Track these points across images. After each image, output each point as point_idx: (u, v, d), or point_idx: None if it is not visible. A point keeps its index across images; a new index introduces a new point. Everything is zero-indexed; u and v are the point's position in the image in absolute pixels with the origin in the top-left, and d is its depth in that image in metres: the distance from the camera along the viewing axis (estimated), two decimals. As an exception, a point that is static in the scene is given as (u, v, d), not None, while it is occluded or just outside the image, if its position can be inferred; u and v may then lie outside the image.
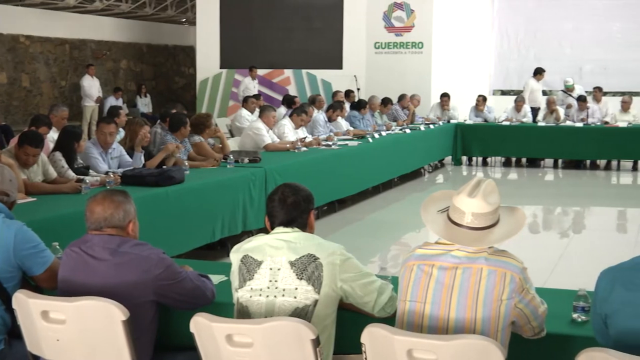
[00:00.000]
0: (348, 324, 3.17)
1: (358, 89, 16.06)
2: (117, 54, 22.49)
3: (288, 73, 17.72)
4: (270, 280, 3.06)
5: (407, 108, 14.55)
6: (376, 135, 11.56)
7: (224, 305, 3.31)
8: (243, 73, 17.00)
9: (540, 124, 14.24)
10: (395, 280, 3.13)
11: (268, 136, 9.50)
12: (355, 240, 8.28)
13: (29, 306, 3.12)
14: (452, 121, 14.58)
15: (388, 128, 12.69)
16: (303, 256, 3.06)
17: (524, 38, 17.98)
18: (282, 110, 12.77)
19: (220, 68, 18.13)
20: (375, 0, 16.85)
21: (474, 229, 2.81)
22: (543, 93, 15.80)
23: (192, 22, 20.93)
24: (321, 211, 9.28)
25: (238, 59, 17.70)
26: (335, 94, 14.21)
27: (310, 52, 17.39)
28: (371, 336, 2.72)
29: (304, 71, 17.55)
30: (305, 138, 10.06)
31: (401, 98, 14.68)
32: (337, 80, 16.73)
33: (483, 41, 17.96)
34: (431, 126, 13.83)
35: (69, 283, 3.25)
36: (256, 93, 14.94)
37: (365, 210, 10.18)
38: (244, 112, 12.07)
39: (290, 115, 10.52)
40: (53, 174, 6.25)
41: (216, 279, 3.62)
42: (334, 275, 3.05)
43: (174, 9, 21.94)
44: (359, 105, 12.95)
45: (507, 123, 14.38)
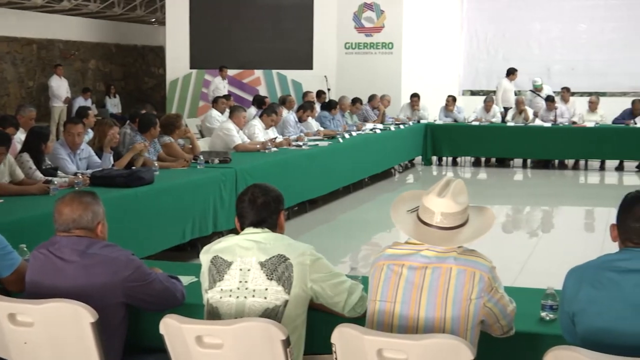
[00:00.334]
0: (318, 324, 3.17)
1: (328, 90, 16.06)
2: (86, 54, 22.29)
3: (258, 73, 17.67)
4: (240, 281, 3.05)
5: (378, 108, 14.60)
6: (346, 135, 11.58)
7: (194, 307, 3.30)
8: (213, 73, 16.93)
9: (509, 124, 14.33)
10: (365, 280, 3.13)
11: (238, 136, 9.48)
12: (326, 240, 8.29)
13: (-4, 309, 3.09)
14: (422, 121, 14.63)
15: (359, 128, 12.71)
16: (273, 257, 3.06)
17: (493, 39, 18.10)
18: (253, 110, 12.74)
19: (190, 68, 18.03)
20: (346, 1, 16.86)
21: (443, 228, 2.83)
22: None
23: (162, 22, 20.82)
24: (292, 211, 9.28)
25: (208, 59, 17.62)
26: (305, 94, 14.21)
27: (280, 53, 17.35)
28: (341, 336, 2.73)
29: (274, 71, 17.52)
30: (275, 138, 10.05)
31: (371, 98, 14.71)
32: (308, 80, 16.71)
33: (452, 42, 18.05)
34: (401, 126, 13.90)
35: (37, 285, 3.22)
36: (226, 93, 14.88)
37: (335, 211, 10.19)
38: (214, 113, 12.02)
39: (261, 116, 10.51)
40: (20, 175, 6.19)
41: (186, 280, 3.61)
42: (304, 276, 3.05)
43: (143, 9, 21.79)
44: (329, 106, 12.96)
45: (477, 123, 14.46)
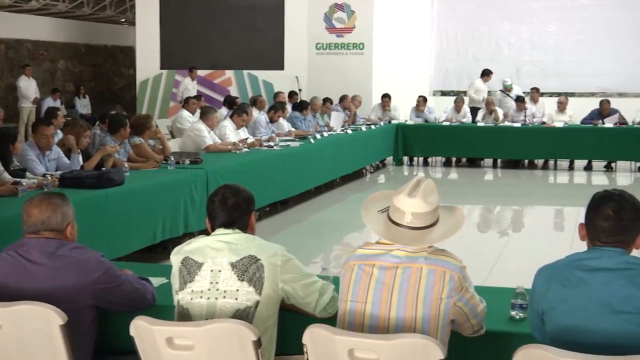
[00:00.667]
0: (290, 324, 3.17)
1: (300, 90, 16.05)
2: (55, 54, 22.10)
3: (229, 74, 17.62)
4: (211, 282, 3.04)
5: (349, 109, 14.62)
6: (318, 136, 11.59)
7: (164, 308, 3.28)
8: (183, 74, 16.85)
9: (479, 124, 14.42)
10: (336, 281, 3.14)
11: (209, 137, 9.44)
12: (297, 241, 8.28)
13: (-37, 312, 3.05)
14: (393, 122, 14.68)
15: (330, 129, 12.72)
16: (244, 257, 3.05)
17: (463, 39, 18.20)
18: (224, 111, 12.69)
19: (161, 69, 17.93)
20: (316, 2, 16.86)
21: (413, 228, 2.83)
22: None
23: (132, 22, 20.68)
24: (263, 212, 9.26)
25: (179, 59, 17.53)
26: (276, 94, 14.19)
27: (251, 53, 17.31)
28: (313, 336, 2.72)
29: (245, 72, 17.47)
30: (246, 139, 10.03)
31: (342, 99, 14.72)
32: (279, 81, 16.70)
33: (423, 42, 18.12)
34: (372, 127, 13.93)
35: (5, 288, 3.18)
36: (195, 94, 14.82)
37: (307, 211, 10.19)
38: (185, 113, 11.96)
39: (231, 116, 10.48)
40: (-12, 176, 6.13)
41: (156, 281, 3.59)
42: (275, 276, 3.05)
43: (113, 8, 21.64)
44: (300, 106, 12.95)
45: (447, 123, 14.52)
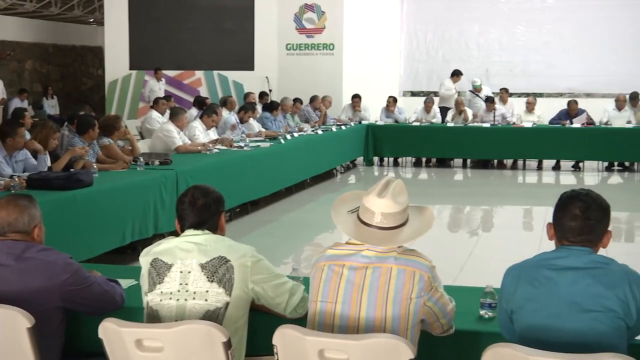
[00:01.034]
0: (260, 325, 3.17)
1: (270, 90, 16.03)
2: (22, 55, 21.88)
3: (199, 74, 17.56)
4: (181, 284, 3.03)
5: (319, 109, 14.64)
6: (288, 136, 11.58)
7: (134, 310, 3.27)
8: (153, 74, 16.79)
9: (449, 124, 14.49)
10: (306, 281, 3.14)
11: (179, 138, 9.40)
12: (268, 241, 8.27)
13: None
14: (364, 122, 14.71)
15: (300, 129, 12.72)
16: (214, 259, 3.04)
17: (433, 40, 18.27)
18: (194, 111, 12.65)
19: (130, 69, 17.83)
20: (286, 2, 16.86)
21: (383, 228, 2.84)
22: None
23: (100, 23, 20.54)
24: (234, 213, 9.24)
25: (148, 60, 17.43)
26: (246, 95, 14.16)
27: (221, 54, 17.26)
28: (283, 337, 2.72)
29: (215, 72, 17.42)
30: (217, 140, 10.00)
31: (313, 99, 14.74)
32: (249, 81, 16.67)
33: (393, 43, 18.19)
34: (343, 127, 13.95)
35: (-29, 290, 3.15)
36: (162, 95, 14.73)
37: (278, 212, 10.18)
38: (154, 114, 11.89)
39: (201, 117, 10.44)
40: (-46, 178, 6.06)
41: (126, 283, 3.57)
42: (245, 277, 3.05)
43: (81, 8, 21.47)
44: (271, 107, 12.94)
45: (417, 124, 14.57)
